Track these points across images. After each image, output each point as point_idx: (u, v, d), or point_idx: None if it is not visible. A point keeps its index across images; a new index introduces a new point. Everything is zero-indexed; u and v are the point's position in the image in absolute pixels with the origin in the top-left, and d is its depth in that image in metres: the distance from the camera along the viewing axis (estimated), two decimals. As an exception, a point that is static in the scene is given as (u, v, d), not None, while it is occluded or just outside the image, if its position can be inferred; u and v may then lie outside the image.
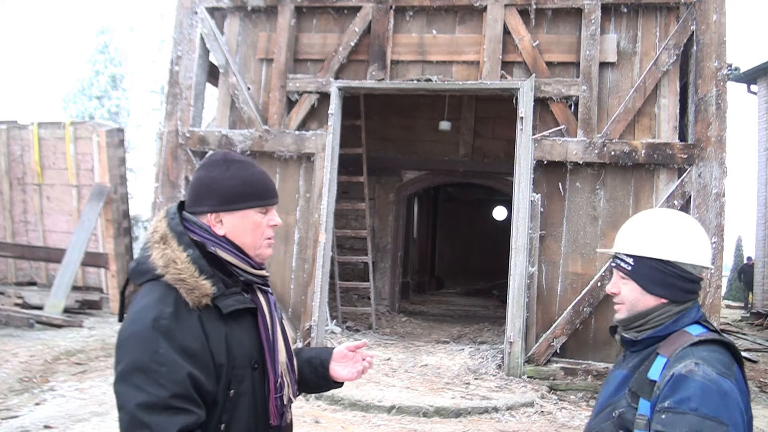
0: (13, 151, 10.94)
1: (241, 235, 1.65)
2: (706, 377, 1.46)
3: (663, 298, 1.66)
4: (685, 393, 1.44)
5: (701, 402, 1.42)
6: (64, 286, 8.79)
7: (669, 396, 1.47)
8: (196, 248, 1.58)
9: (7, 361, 6.36)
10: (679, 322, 1.65)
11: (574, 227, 6.95)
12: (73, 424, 4.84)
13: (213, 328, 1.54)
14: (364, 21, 7.45)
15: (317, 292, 7.26)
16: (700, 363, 1.49)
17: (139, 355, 1.43)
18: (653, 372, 1.57)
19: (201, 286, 1.53)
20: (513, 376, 6.65)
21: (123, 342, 1.48)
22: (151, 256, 1.56)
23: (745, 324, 14.76)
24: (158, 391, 1.40)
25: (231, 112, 7.83)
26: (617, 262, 1.73)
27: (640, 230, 1.72)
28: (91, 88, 27.36)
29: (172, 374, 1.43)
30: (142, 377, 1.41)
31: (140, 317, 1.48)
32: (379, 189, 11.32)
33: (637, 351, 1.69)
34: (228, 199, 1.63)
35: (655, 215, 1.78)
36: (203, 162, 1.69)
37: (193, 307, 1.52)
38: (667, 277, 1.65)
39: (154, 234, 1.60)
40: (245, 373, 1.59)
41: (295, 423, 1.67)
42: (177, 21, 7.96)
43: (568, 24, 7.14)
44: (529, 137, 6.91)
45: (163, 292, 1.52)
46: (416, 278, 15.04)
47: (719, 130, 6.64)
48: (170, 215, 1.64)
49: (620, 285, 1.73)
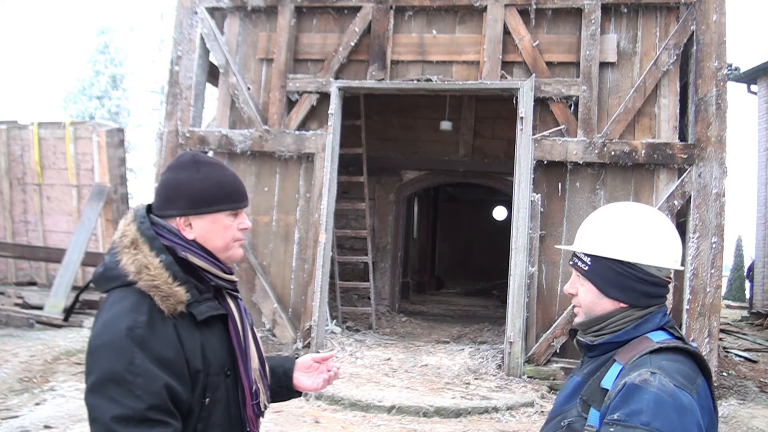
0: (13, 151, 10.94)
1: (212, 239, 1.60)
2: (662, 389, 1.30)
3: (621, 302, 1.51)
4: (637, 405, 1.29)
5: (654, 416, 1.27)
6: (64, 286, 8.79)
7: (619, 407, 1.32)
8: (168, 254, 1.53)
9: (7, 361, 6.36)
10: (641, 327, 1.49)
11: (574, 227, 6.94)
12: (73, 424, 4.84)
13: (188, 335, 1.50)
14: (364, 21, 7.45)
15: (317, 292, 7.26)
16: (657, 373, 1.33)
17: (113, 365, 1.38)
18: (606, 380, 1.43)
19: (175, 293, 1.48)
20: (513, 376, 6.65)
21: (95, 351, 1.42)
22: (121, 262, 1.50)
23: (745, 324, 14.76)
24: (135, 403, 1.36)
25: (231, 112, 7.83)
26: (575, 261, 1.59)
27: (600, 227, 1.56)
28: (92, 88, 27.39)
29: (149, 385, 1.38)
30: (116, 389, 1.36)
31: (113, 326, 1.42)
32: (379, 189, 11.32)
33: (595, 357, 1.55)
34: (198, 202, 1.57)
35: (617, 210, 1.60)
36: (172, 163, 1.63)
37: (167, 315, 1.47)
38: (625, 279, 1.49)
39: (123, 238, 1.53)
40: (219, 381, 1.56)
41: (295, 423, 1.67)
42: (177, 21, 7.96)
43: (568, 24, 7.14)
44: (529, 137, 6.91)
45: (135, 299, 1.47)
46: (416, 278, 15.04)
47: (719, 130, 6.64)
48: (139, 218, 1.57)
49: (577, 286, 1.59)
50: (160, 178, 1.63)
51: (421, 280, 15.71)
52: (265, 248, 7.66)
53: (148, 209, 1.62)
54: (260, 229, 7.68)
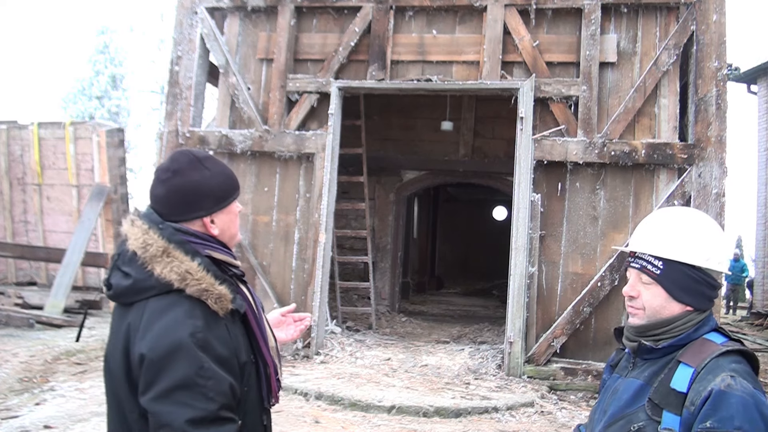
0: (13, 151, 10.94)
1: (228, 229, 1.67)
2: (745, 392, 1.38)
3: (689, 305, 1.54)
4: (727, 411, 1.36)
5: (743, 419, 1.35)
6: (64, 286, 8.79)
7: (710, 415, 1.37)
8: (201, 256, 1.56)
9: (7, 361, 6.37)
10: (700, 330, 1.53)
11: (574, 227, 6.94)
12: (73, 424, 4.84)
13: (233, 330, 1.56)
14: (364, 21, 7.45)
15: (317, 292, 7.26)
16: (736, 376, 1.40)
17: (184, 372, 1.42)
18: (677, 382, 1.47)
19: (223, 293, 1.53)
20: (513, 376, 6.64)
21: (160, 361, 1.43)
22: (156, 271, 1.50)
23: (745, 324, 14.77)
24: (207, 405, 1.42)
25: (231, 112, 7.83)
26: (642, 264, 1.58)
27: (670, 231, 1.56)
28: (91, 88, 27.37)
29: (219, 386, 1.45)
30: (188, 393, 1.41)
31: (173, 334, 1.45)
32: (379, 189, 11.32)
33: (652, 359, 1.56)
34: (220, 198, 1.63)
35: (684, 215, 1.61)
36: (174, 167, 1.60)
37: (222, 316, 1.52)
38: (697, 284, 1.53)
39: (148, 248, 1.52)
40: (251, 367, 1.62)
41: (295, 423, 1.69)
42: (177, 21, 7.96)
43: (568, 24, 7.14)
44: (529, 137, 6.91)
45: (187, 305, 1.49)
46: (416, 278, 15.04)
47: (719, 130, 6.64)
48: (159, 227, 1.56)
49: (640, 288, 1.58)
50: (166, 184, 1.60)
51: (421, 280, 15.71)
52: (265, 248, 7.66)
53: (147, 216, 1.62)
54: (260, 229, 7.68)
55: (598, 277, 6.70)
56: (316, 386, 5.95)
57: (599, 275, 6.71)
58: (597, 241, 6.86)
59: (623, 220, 6.84)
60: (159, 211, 1.60)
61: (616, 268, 6.69)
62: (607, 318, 6.76)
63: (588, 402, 6.21)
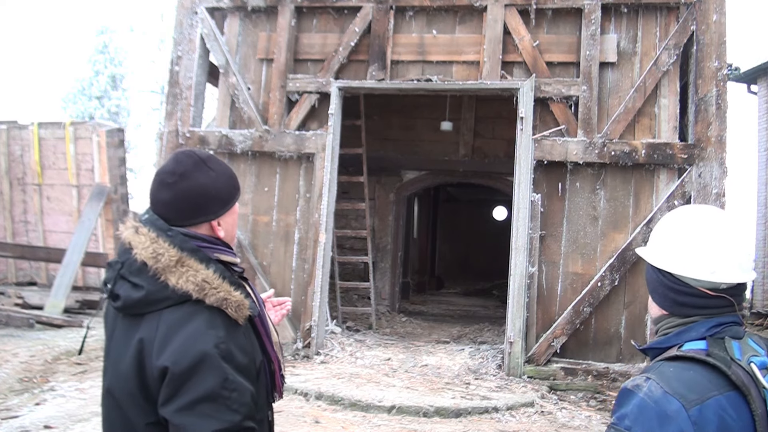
0: (13, 151, 10.94)
1: (231, 229, 1.65)
2: (649, 394, 1.30)
3: (662, 308, 1.51)
4: (625, 409, 1.32)
5: (635, 421, 1.29)
6: (64, 286, 8.79)
7: (615, 411, 1.37)
8: (213, 262, 1.53)
9: (7, 361, 6.36)
10: (682, 336, 1.43)
11: (574, 227, 6.95)
12: (73, 424, 4.84)
13: (249, 335, 1.55)
14: (364, 21, 7.45)
15: (317, 292, 7.26)
16: (652, 378, 1.33)
17: (210, 384, 1.40)
18: None
19: (241, 301, 1.50)
20: (513, 376, 6.65)
21: (185, 373, 1.40)
22: (171, 282, 1.45)
23: (746, 324, 14.77)
24: (232, 417, 1.41)
25: (231, 112, 7.83)
26: None
27: (654, 232, 1.56)
28: (91, 88, 27.36)
29: (242, 398, 1.44)
30: (212, 405, 1.40)
31: (196, 345, 1.41)
32: (379, 189, 11.32)
33: (653, 360, 1.52)
34: (226, 200, 1.61)
35: (673, 215, 1.54)
36: (180, 171, 1.54)
37: (241, 324, 1.50)
38: (659, 286, 1.49)
39: (159, 258, 1.46)
40: (261, 366, 1.61)
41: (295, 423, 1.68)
42: (177, 21, 7.96)
43: (568, 24, 7.14)
44: (529, 137, 6.91)
45: (206, 315, 1.46)
46: (416, 278, 15.03)
47: (719, 130, 6.64)
48: (168, 234, 1.51)
49: None
50: (173, 188, 1.54)
51: (421, 280, 15.70)
52: (265, 248, 7.66)
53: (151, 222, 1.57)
54: (260, 229, 7.68)
55: (598, 277, 6.71)
56: (316, 386, 5.95)
57: (599, 275, 6.71)
58: (597, 241, 6.87)
59: (623, 220, 6.84)
60: (164, 216, 1.54)
61: (616, 268, 6.69)
62: (607, 318, 6.76)
63: (588, 402, 6.21)
